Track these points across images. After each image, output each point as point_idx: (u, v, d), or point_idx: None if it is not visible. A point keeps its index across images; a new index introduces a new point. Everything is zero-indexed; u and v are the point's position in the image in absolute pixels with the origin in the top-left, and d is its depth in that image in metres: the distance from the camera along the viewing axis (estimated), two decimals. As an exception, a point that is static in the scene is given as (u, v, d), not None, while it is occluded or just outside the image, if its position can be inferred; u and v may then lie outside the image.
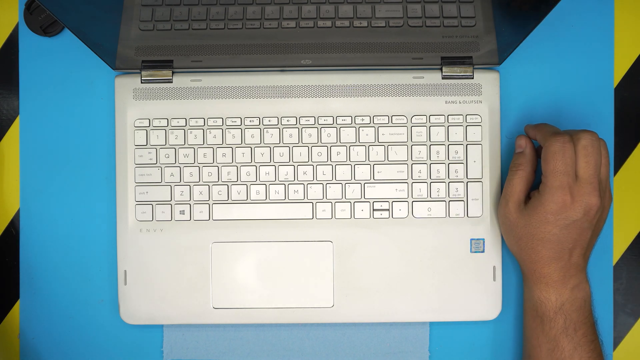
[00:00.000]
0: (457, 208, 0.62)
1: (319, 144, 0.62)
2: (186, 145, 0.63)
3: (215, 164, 0.63)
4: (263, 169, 0.62)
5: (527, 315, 0.59)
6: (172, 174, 0.63)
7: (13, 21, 0.66)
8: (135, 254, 0.62)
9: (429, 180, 0.62)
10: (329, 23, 0.60)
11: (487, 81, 0.62)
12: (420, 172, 0.62)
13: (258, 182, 0.62)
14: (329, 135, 0.62)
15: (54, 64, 0.65)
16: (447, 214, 0.62)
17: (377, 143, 0.62)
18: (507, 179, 0.59)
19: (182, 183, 0.63)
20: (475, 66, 0.62)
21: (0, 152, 0.66)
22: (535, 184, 0.59)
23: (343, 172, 0.62)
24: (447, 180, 0.62)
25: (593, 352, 0.56)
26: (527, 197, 0.59)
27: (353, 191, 0.62)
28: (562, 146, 0.55)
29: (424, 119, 0.62)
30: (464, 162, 0.62)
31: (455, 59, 0.62)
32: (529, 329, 0.59)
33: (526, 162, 0.59)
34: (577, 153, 0.55)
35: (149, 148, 0.63)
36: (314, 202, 0.62)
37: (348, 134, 0.62)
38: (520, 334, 0.64)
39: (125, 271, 0.62)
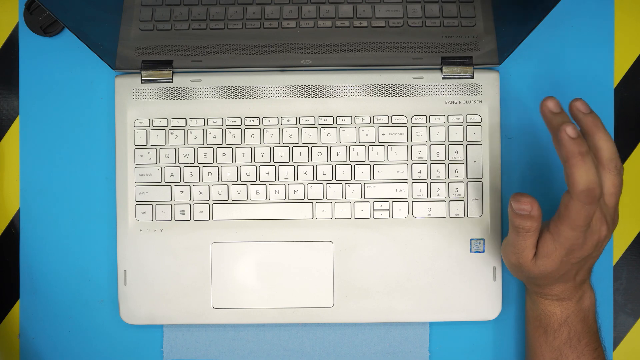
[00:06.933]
0: (457, 208, 0.62)
1: (319, 144, 0.62)
2: (186, 145, 0.63)
3: (215, 164, 0.63)
4: (263, 169, 0.62)
5: (529, 323, 0.59)
6: (172, 174, 0.63)
7: (13, 21, 0.66)
8: (135, 254, 0.62)
9: (429, 180, 0.62)
10: (329, 23, 0.60)
11: (487, 81, 0.62)
12: (420, 172, 0.62)
13: (258, 182, 0.62)
14: (329, 135, 0.62)
15: (54, 64, 0.65)
16: (447, 214, 0.62)
17: (377, 143, 0.62)
18: (514, 240, 0.53)
19: (182, 183, 0.62)
20: (475, 66, 0.62)
21: (0, 152, 0.66)
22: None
23: (343, 172, 0.62)
24: (447, 180, 0.62)
25: (596, 359, 0.56)
26: None
27: (353, 191, 0.62)
28: (595, 186, 0.49)
29: (424, 119, 0.62)
30: (464, 162, 0.62)
31: (455, 59, 0.62)
32: (532, 337, 0.58)
33: (537, 224, 0.52)
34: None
35: (149, 148, 0.63)
36: (314, 202, 0.62)
37: (348, 134, 0.62)
38: (520, 334, 0.64)
39: (125, 271, 0.62)
